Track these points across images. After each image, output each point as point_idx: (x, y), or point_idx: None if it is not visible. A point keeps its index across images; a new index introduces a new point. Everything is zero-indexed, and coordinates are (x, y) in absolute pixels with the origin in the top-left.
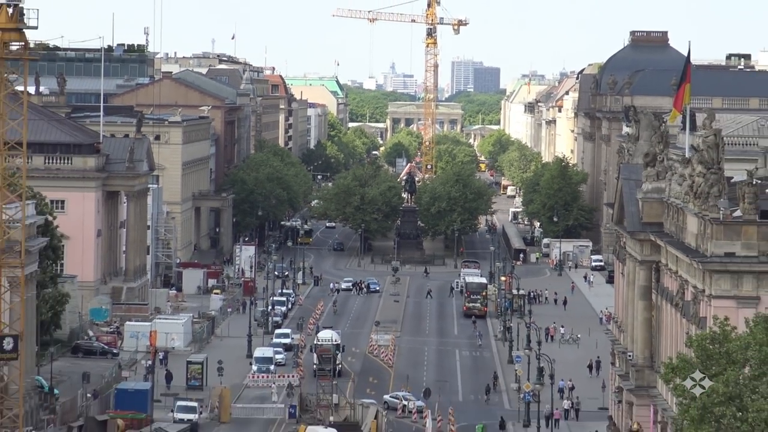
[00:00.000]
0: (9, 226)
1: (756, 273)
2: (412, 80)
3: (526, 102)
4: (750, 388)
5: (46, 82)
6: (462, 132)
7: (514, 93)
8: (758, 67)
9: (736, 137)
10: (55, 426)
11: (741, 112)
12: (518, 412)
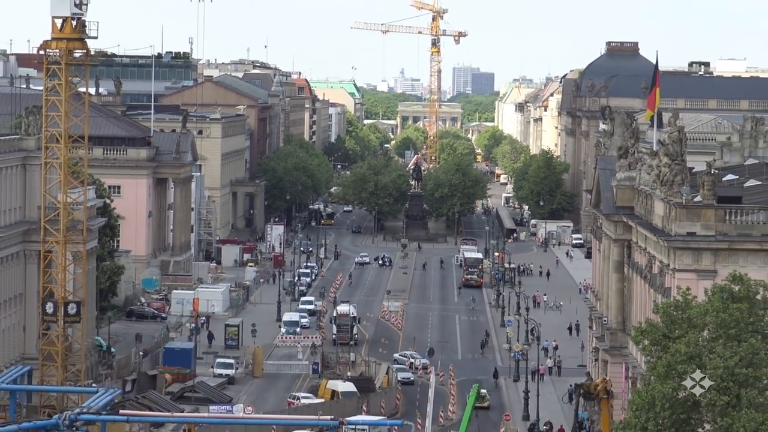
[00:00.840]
0: (72, 207)
1: (713, 250)
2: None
3: (517, 102)
4: (708, 349)
5: (104, 84)
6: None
7: (506, 95)
8: (716, 73)
9: (696, 133)
10: (111, 380)
11: (701, 112)
12: (509, 368)
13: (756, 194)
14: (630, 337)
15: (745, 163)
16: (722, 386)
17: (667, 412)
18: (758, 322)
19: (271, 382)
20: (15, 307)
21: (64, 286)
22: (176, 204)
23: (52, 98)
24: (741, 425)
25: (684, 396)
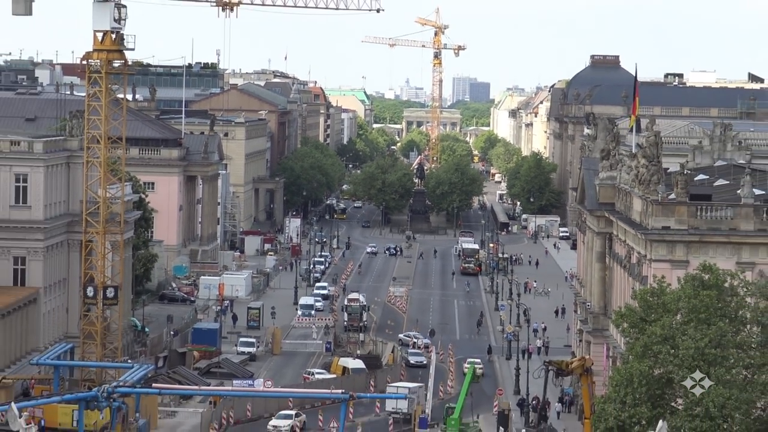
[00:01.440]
0: (111, 202)
1: (686, 242)
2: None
3: (510, 109)
4: (681, 331)
5: (140, 91)
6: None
7: (500, 102)
8: (689, 83)
9: (671, 137)
10: (145, 356)
11: (675, 119)
12: (502, 348)
13: (724, 193)
14: (611, 320)
15: (714, 164)
16: (693, 365)
17: (643, 388)
18: (726, 308)
19: (288, 359)
20: (59, 291)
21: (103, 272)
22: (204, 199)
23: (93, 104)
24: (710, 400)
25: (659, 373)
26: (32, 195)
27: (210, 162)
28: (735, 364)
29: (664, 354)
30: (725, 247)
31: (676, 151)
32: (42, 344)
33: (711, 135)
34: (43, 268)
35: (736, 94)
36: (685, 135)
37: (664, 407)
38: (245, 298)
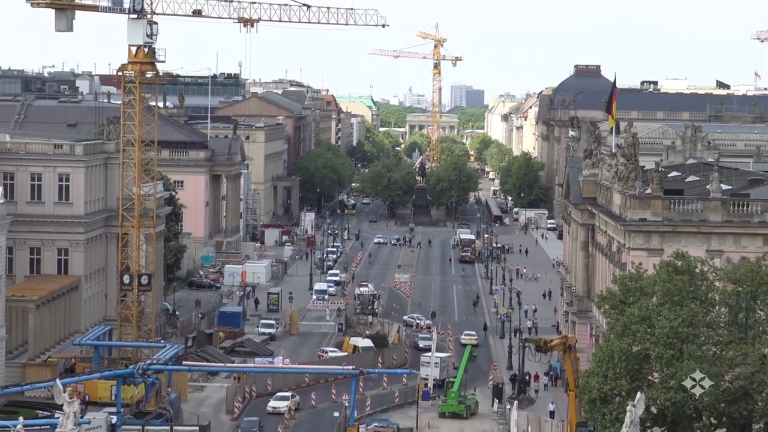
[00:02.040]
0: (144, 198)
1: (661, 232)
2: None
3: (502, 114)
4: (656, 312)
5: (170, 99)
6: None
7: (493, 107)
8: (663, 89)
9: (647, 138)
10: (176, 337)
11: (651, 121)
12: (496, 327)
13: (695, 188)
14: (593, 303)
15: (686, 162)
16: (668, 342)
17: (623, 363)
18: (697, 291)
19: (304, 339)
20: (98, 279)
21: (138, 261)
22: (228, 195)
23: (128, 110)
24: (683, 374)
25: (637, 350)
26: (74, 193)
27: (233, 162)
28: (705, 342)
29: (641, 333)
30: (696, 236)
31: (651, 151)
32: (83, 326)
33: (683, 136)
34: (84, 258)
35: (705, 100)
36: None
37: (641, 380)
38: (265, 284)
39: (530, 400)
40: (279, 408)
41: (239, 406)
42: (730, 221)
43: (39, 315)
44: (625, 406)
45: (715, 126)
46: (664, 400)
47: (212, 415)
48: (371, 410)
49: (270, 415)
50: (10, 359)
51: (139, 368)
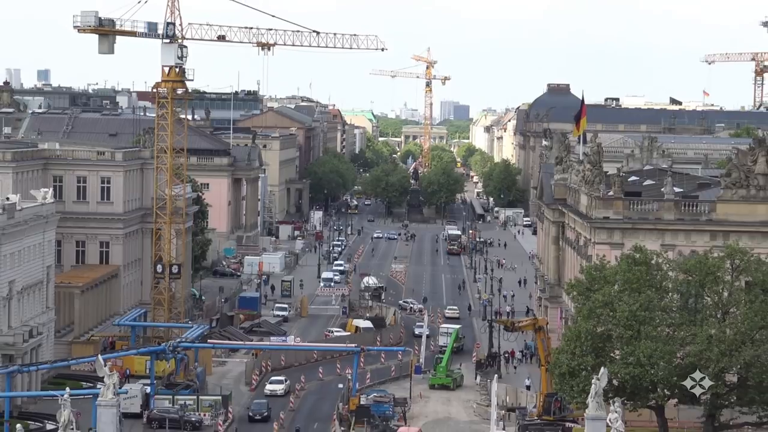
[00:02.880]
0: (175, 198)
1: (622, 229)
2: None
3: (485, 126)
4: (617, 298)
5: (198, 112)
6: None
7: (477, 120)
8: (623, 105)
9: (609, 148)
10: (202, 319)
11: (613, 133)
12: (479, 311)
13: (651, 190)
14: (563, 290)
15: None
16: (627, 324)
17: (588, 342)
18: (652, 279)
19: (313, 321)
20: (135, 268)
21: (169, 253)
22: (248, 196)
23: (161, 122)
24: (640, 351)
25: (601, 331)
26: (114, 193)
27: (252, 167)
28: (659, 324)
29: (604, 315)
30: (652, 232)
31: (613, 158)
32: (122, 309)
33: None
34: (123, 250)
35: (660, 114)
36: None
37: (604, 357)
38: (279, 273)
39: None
40: (276, 391)
41: (257, 378)
42: (681, 219)
43: (83, 299)
44: (590, 379)
45: (668, 137)
46: (624, 374)
47: (233, 386)
48: (371, 382)
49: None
50: (58, 338)
51: (170, 346)
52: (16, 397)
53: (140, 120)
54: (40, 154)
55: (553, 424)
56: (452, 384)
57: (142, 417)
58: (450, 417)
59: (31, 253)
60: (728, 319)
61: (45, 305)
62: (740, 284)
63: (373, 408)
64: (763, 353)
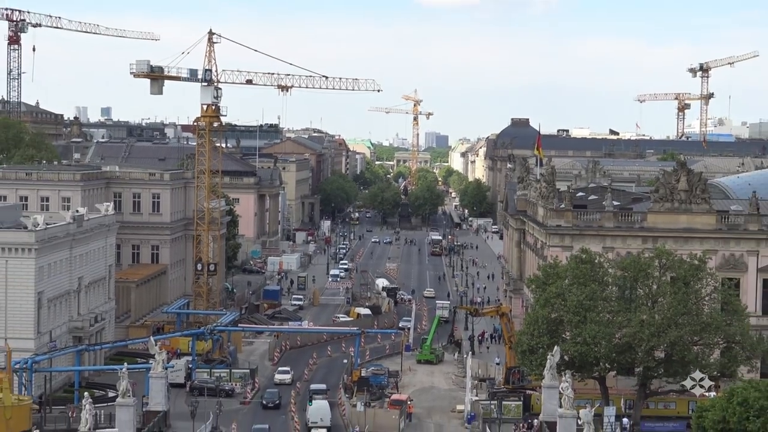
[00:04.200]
0: (212, 210)
1: (571, 234)
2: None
3: (461, 152)
4: (568, 290)
5: (230, 141)
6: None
7: (455, 147)
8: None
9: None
10: (234, 307)
11: (564, 158)
12: (457, 301)
13: (594, 204)
14: (524, 283)
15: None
16: (575, 311)
17: (544, 325)
18: (595, 275)
19: (323, 309)
20: (179, 266)
21: (207, 254)
22: (270, 208)
23: (200, 149)
24: (586, 333)
25: (554, 316)
26: (163, 206)
27: (273, 186)
28: (601, 311)
29: (557, 304)
30: (595, 237)
31: (564, 178)
32: (169, 299)
33: (586, 168)
34: (170, 252)
35: (601, 143)
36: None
37: (557, 338)
38: (296, 270)
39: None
40: (284, 380)
41: (278, 354)
42: (619, 226)
43: (138, 292)
44: (546, 355)
45: (608, 161)
46: (573, 351)
47: (258, 361)
48: (369, 358)
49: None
50: (118, 323)
51: (208, 329)
52: (84, 371)
53: (184, 147)
54: (103, 175)
55: (515, 391)
56: (435, 359)
57: (185, 386)
58: (433, 386)
59: (96, 255)
60: (656, 306)
61: (107, 296)
62: (666, 279)
63: (371, 379)
64: (684, 334)
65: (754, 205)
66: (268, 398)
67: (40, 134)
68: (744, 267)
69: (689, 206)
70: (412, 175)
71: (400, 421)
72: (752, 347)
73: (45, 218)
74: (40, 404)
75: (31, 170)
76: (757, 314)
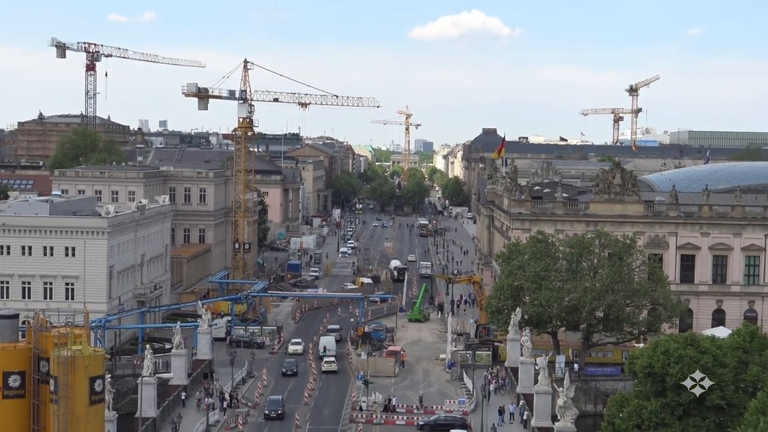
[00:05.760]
0: (247, 201)
1: (530, 220)
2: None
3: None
4: (527, 263)
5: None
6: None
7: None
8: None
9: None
10: (264, 278)
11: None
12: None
13: (548, 196)
14: (493, 258)
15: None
16: (533, 280)
17: (508, 291)
18: (549, 252)
19: (334, 278)
20: (221, 246)
21: (243, 235)
22: (292, 199)
23: (238, 153)
24: (542, 297)
25: (516, 284)
26: (208, 198)
27: (295, 182)
28: (553, 280)
29: (519, 275)
30: (549, 222)
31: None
32: (213, 271)
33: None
34: (214, 234)
35: (553, 147)
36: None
37: (519, 301)
38: (313, 248)
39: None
40: (297, 350)
41: (299, 315)
42: (567, 213)
43: (188, 265)
44: (510, 315)
45: (559, 162)
46: (531, 312)
47: (283, 320)
48: (371, 318)
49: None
50: (172, 290)
51: (244, 295)
52: (146, 328)
53: (224, 152)
54: (160, 174)
55: (485, 343)
56: (422, 319)
57: (225, 340)
58: (421, 339)
59: (155, 236)
60: (597, 276)
61: (164, 269)
62: (604, 255)
63: (372, 334)
64: (619, 298)
65: (673, 196)
66: (287, 367)
67: (111, 142)
68: (666, 245)
69: (622, 197)
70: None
71: (395, 367)
72: (672, 308)
73: (115, 208)
74: (111, 354)
75: (104, 170)
76: (676, 282)
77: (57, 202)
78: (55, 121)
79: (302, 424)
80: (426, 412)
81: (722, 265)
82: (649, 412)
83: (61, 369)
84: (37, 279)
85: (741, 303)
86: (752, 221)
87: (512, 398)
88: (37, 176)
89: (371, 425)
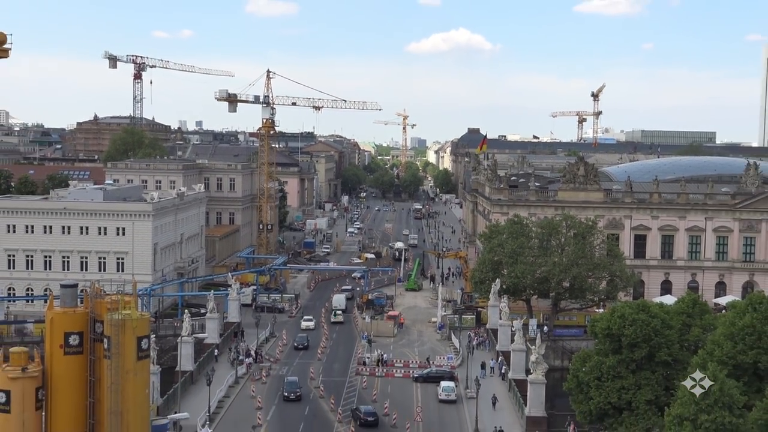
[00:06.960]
0: (270, 189)
1: (508, 205)
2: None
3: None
4: (505, 241)
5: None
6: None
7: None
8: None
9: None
10: (284, 253)
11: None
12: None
13: (523, 185)
14: (477, 237)
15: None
16: (510, 255)
17: (490, 265)
18: (523, 232)
19: (343, 254)
20: (248, 226)
21: (266, 217)
22: (308, 188)
23: (262, 149)
24: (517, 270)
25: (496, 259)
26: (237, 186)
27: (310, 173)
28: (527, 255)
29: (498, 251)
30: (524, 207)
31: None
32: (241, 248)
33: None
34: (242, 217)
35: (528, 144)
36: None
37: (498, 272)
38: (325, 228)
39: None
40: (309, 326)
41: (314, 285)
42: (539, 200)
43: (221, 243)
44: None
45: (533, 156)
46: (509, 282)
47: (300, 289)
48: (374, 287)
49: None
50: (207, 264)
51: (267, 268)
52: (185, 296)
53: (250, 148)
54: (197, 166)
55: (470, 308)
56: (417, 288)
57: (252, 306)
58: (416, 305)
59: (193, 219)
60: (563, 253)
61: (200, 246)
62: (570, 234)
63: (375, 301)
64: (582, 271)
65: (628, 185)
66: (299, 341)
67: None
68: (622, 226)
69: (586, 186)
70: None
71: (394, 328)
72: (627, 280)
73: (158, 194)
74: (155, 318)
75: (149, 162)
76: (630, 258)
77: (110, 190)
78: (108, 121)
79: (316, 377)
80: (420, 366)
81: (669, 244)
82: (607, 366)
83: (113, 330)
84: (93, 254)
85: (685, 275)
86: (695, 206)
87: (492, 355)
88: (93, 168)
89: (374, 377)
